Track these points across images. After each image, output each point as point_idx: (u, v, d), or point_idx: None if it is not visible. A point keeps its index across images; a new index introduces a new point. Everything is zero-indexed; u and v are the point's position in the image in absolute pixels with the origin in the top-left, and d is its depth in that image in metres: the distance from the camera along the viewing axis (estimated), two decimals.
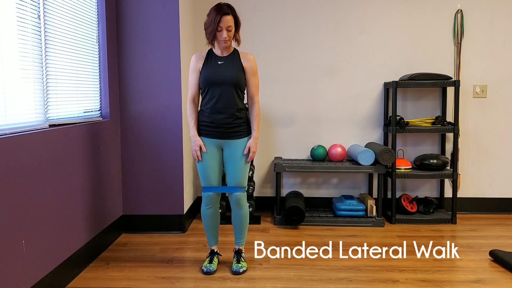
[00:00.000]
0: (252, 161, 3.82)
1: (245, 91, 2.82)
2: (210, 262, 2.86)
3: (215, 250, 2.93)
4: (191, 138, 2.78)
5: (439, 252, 3.14)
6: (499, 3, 4.03)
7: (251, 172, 3.80)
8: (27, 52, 2.33)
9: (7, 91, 2.16)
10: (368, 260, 3.01)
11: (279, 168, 3.82)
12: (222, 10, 2.61)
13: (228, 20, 2.62)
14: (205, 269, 2.81)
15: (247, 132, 2.77)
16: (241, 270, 2.79)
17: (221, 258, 3.04)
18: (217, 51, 2.76)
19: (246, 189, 2.85)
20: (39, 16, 2.44)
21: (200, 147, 2.74)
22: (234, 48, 2.81)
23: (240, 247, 2.92)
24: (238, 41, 2.77)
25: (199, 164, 2.78)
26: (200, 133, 2.77)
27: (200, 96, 2.82)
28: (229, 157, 2.75)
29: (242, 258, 2.88)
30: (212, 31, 2.63)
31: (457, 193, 4.08)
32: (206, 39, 2.70)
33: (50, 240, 2.46)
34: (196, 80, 2.78)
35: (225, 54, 2.75)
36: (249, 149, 2.74)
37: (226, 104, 2.69)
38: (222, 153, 2.79)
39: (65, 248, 2.64)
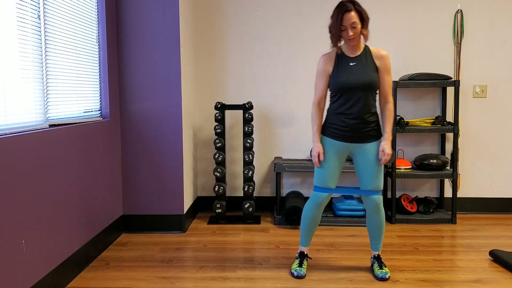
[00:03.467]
0: (252, 161, 3.83)
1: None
2: (300, 265, 2.76)
3: (306, 253, 2.84)
4: (312, 143, 2.67)
5: (439, 252, 3.15)
6: (499, 3, 4.04)
7: (250, 172, 3.80)
8: (27, 52, 2.33)
9: (7, 91, 2.16)
10: (368, 260, 3.01)
11: (279, 168, 3.82)
12: (343, 7, 2.47)
13: (352, 16, 2.46)
14: (295, 273, 2.71)
15: (379, 134, 2.67)
16: (387, 276, 2.68)
17: (224, 257, 3.04)
18: (346, 50, 2.62)
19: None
20: (39, 16, 2.44)
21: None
22: (365, 45, 2.66)
23: (379, 253, 2.82)
24: (365, 37, 2.57)
25: (319, 164, 2.69)
26: (328, 134, 2.68)
27: (329, 98, 2.70)
28: (363, 161, 2.64)
29: (383, 263, 2.78)
30: (336, 32, 2.49)
31: (457, 193, 4.09)
32: (330, 42, 2.58)
33: (50, 240, 2.46)
34: (325, 84, 2.67)
35: (355, 54, 2.61)
36: (383, 152, 2.63)
37: (360, 110, 2.58)
38: (349, 156, 2.70)
39: (65, 248, 2.64)
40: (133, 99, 3.52)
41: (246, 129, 3.84)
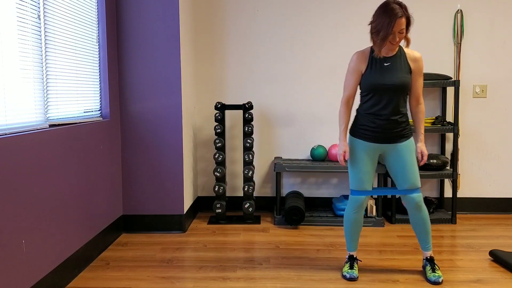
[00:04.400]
0: (252, 161, 3.83)
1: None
2: (352, 268, 2.73)
3: (355, 256, 2.80)
4: (339, 141, 2.63)
5: (439, 252, 3.15)
6: (499, 3, 4.04)
7: (250, 172, 3.80)
8: (27, 52, 2.33)
9: (7, 91, 2.16)
10: (368, 260, 3.01)
11: (279, 168, 3.82)
12: (395, 13, 2.39)
13: (402, 23, 2.41)
14: (348, 275, 2.68)
15: (410, 133, 2.64)
16: (440, 280, 2.60)
17: (224, 257, 3.04)
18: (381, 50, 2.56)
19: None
20: (39, 16, 2.44)
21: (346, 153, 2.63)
22: (399, 46, 2.62)
23: (431, 254, 2.73)
24: (408, 42, 2.55)
25: (352, 167, 2.66)
26: (359, 135, 2.65)
27: (361, 98, 2.66)
28: (396, 160, 2.62)
29: (436, 266, 2.69)
30: (385, 38, 2.43)
31: (457, 193, 4.09)
32: (371, 40, 2.53)
33: (50, 240, 2.46)
34: (355, 82, 2.63)
35: (390, 54, 2.56)
36: (421, 154, 2.64)
37: (392, 111, 2.56)
38: (381, 157, 2.67)
39: (65, 248, 2.64)
40: (133, 99, 3.52)
41: (246, 129, 3.84)
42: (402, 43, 2.64)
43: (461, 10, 4.05)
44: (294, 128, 4.19)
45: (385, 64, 2.56)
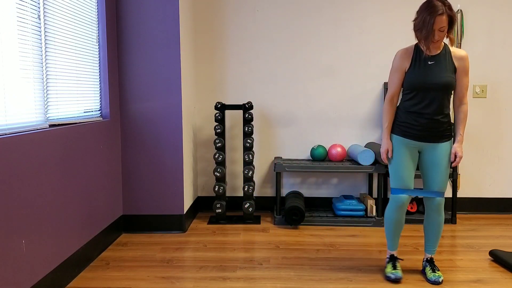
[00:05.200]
0: (252, 161, 3.83)
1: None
2: (395, 268, 2.70)
3: (396, 255, 2.78)
4: (382, 139, 2.66)
5: (439, 252, 3.15)
6: (499, 3, 4.04)
7: (250, 172, 3.80)
8: (27, 52, 2.33)
9: (7, 91, 2.16)
10: (368, 260, 3.01)
11: (279, 168, 3.82)
12: (436, 10, 2.37)
13: (442, 21, 2.38)
14: (393, 276, 2.65)
15: (450, 135, 2.61)
16: (440, 280, 2.62)
17: (224, 257, 3.04)
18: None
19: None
20: (39, 16, 2.44)
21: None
22: (445, 44, 2.57)
23: (432, 256, 2.75)
24: (451, 41, 2.50)
25: (393, 164, 2.63)
26: (398, 132, 2.63)
27: (401, 95, 2.64)
28: (431, 160, 2.60)
29: (436, 266, 2.71)
30: (427, 36, 2.42)
31: (457, 193, 4.09)
32: (415, 37, 2.50)
33: (50, 240, 2.46)
34: (399, 80, 2.61)
35: (435, 52, 2.53)
36: (455, 155, 2.59)
37: (434, 110, 2.53)
38: (419, 156, 2.63)
39: (65, 247, 2.64)
40: (133, 99, 3.52)
41: (246, 129, 3.84)
42: (446, 42, 2.61)
43: (461, 10, 4.05)
44: (294, 128, 4.19)
45: (429, 63, 2.53)
